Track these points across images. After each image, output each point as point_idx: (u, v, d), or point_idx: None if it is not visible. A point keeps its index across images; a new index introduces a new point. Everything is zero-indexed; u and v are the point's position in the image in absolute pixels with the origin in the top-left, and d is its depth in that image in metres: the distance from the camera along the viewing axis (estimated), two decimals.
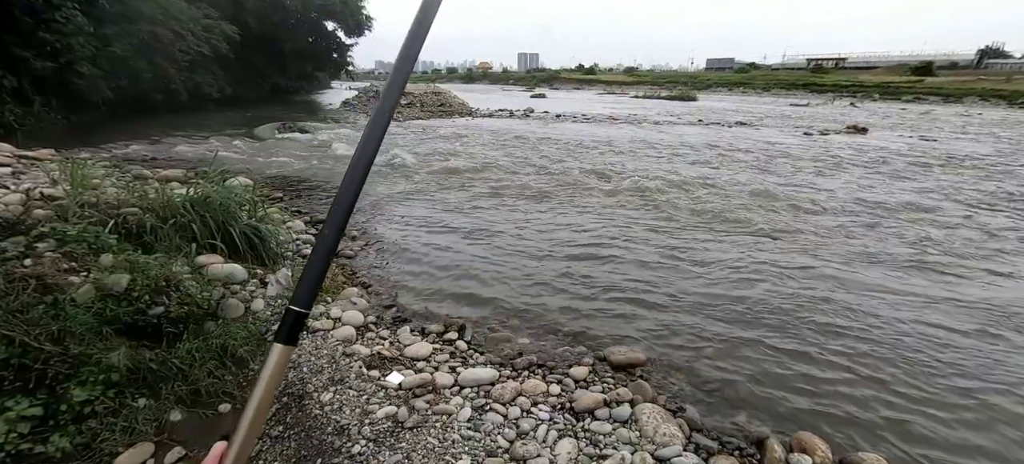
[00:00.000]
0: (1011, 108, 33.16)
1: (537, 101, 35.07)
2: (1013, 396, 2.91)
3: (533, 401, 2.65)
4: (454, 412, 2.48)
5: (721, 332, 3.58)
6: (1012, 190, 8.38)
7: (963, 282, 4.58)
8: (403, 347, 3.13)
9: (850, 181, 8.97)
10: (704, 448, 2.37)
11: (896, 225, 6.31)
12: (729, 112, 26.83)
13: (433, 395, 2.64)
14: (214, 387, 2.42)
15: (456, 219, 6.28)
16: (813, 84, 52.51)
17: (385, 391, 2.62)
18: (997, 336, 3.60)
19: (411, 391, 2.64)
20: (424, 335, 3.38)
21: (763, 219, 6.44)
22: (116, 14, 12.91)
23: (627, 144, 13.50)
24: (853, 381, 3.03)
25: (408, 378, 2.71)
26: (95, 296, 2.52)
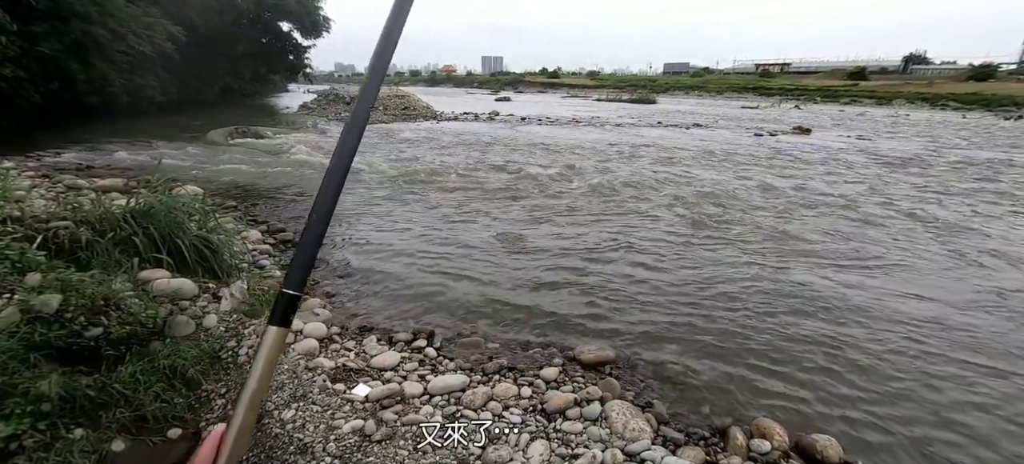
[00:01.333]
0: (933, 110, 36.46)
1: (502, 104, 35.18)
2: (944, 376, 3.18)
3: (504, 405, 2.64)
4: (424, 421, 2.42)
5: (685, 327, 3.71)
6: (936, 186, 9.20)
7: (899, 271, 4.96)
8: (370, 358, 3.03)
9: (798, 180, 9.55)
10: (671, 440, 2.44)
11: (840, 220, 6.77)
12: (686, 114, 27.96)
13: (402, 405, 2.57)
14: (162, 411, 2.26)
15: (422, 224, 6.18)
16: (762, 88, 55.71)
17: (351, 404, 2.53)
18: (928, 319, 3.93)
19: (379, 403, 2.56)
20: (392, 344, 3.29)
21: (722, 218, 6.74)
22: (45, 11, 11.85)
23: (592, 146, 13.78)
24: (805, 369, 3.21)
25: (375, 389, 2.63)
26: (21, 319, 2.29)
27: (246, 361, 2.80)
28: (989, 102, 38.04)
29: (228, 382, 2.62)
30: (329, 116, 20.51)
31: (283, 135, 13.78)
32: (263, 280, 3.85)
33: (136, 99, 15.28)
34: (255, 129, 13.67)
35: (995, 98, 38.87)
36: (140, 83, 15.36)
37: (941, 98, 41.34)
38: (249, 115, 18.58)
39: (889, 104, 41.21)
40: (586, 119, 23.58)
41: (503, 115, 24.48)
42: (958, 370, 3.23)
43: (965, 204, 7.77)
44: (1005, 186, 9.21)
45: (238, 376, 2.67)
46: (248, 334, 3.09)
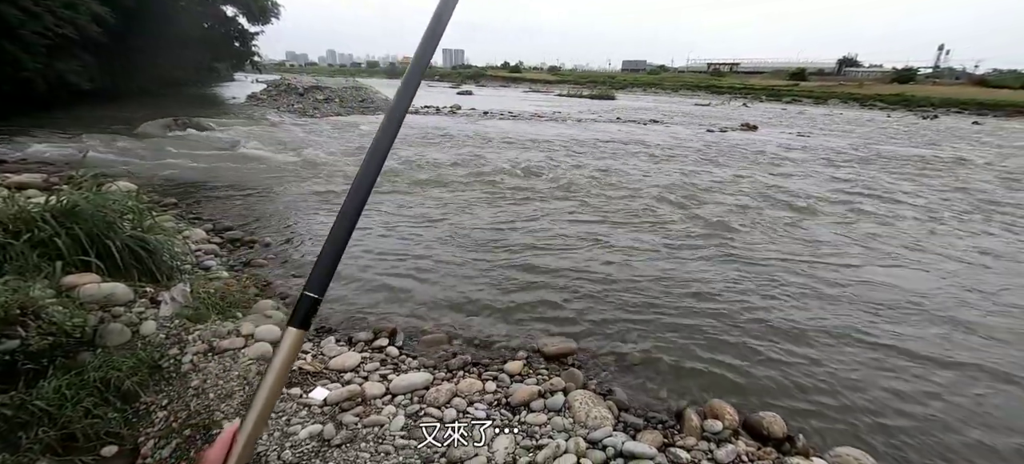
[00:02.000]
0: (863, 109, 39.68)
1: (464, 98, 34.81)
2: (871, 354, 3.48)
3: (469, 401, 2.63)
4: (386, 422, 2.37)
5: (644, 317, 3.84)
6: (867, 178, 10.03)
7: (836, 258, 5.37)
8: (328, 359, 2.92)
9: (746, 175, 10.11)
10: (632, 426, 2.53)
11: (785, 212, 7.23)
12: (644, 111, 28.85)
13: (363, 407, 2.50)
14: (94, 428, 2.07)
15: (382, 220, 6.02)
16: (713, 86, 58.41)
17: (308, 409, 2.43)
18: (862, 302, 4.29)
19: (338, 405, 2.48)
20: (351, 345, 3.19)
21: (676, 212, 7.02)
22: None
23: (554, 141, 13.93)
24: (753, 351, 3.41)
25: (334, 392, 2.54)
26: None
27: (190, 369, 2.62)
28: (910, 102, 41.90)
29: (170, 393, 2.44)
30: (281, 108, 19.46)
31: (230, 128, 12.96)
32: (209, 282, 3.62)
33: (56, 87, 13.83)
34: (198, 121, 12.75)
35: (915, 99, 42.87)
36: (61, 68, 13.91)
37: (870, 98, 45.06)
38: (191, 106, 17.33)
39: (825, 103, 44.44)
40: (548, 114, 23.79)
41: (465, 109, 24.23)
42: (883, 348, 3.54)
43: (892, 196, 8.52)
44: (926, 179, 10.20)
45: (182, 386, 2.49)
46: (193, 340, 2.89)
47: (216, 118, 14.48)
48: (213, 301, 3.31)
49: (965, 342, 3.68)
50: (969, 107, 39.08)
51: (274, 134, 12.78)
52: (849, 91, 49.81)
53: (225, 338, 2.94)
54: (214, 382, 2.56)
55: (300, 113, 18.41)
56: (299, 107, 19.52)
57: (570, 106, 31.09)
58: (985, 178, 10.63)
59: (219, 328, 3.02)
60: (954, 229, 6.66)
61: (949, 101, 41.41)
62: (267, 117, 16.85)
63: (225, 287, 3.57)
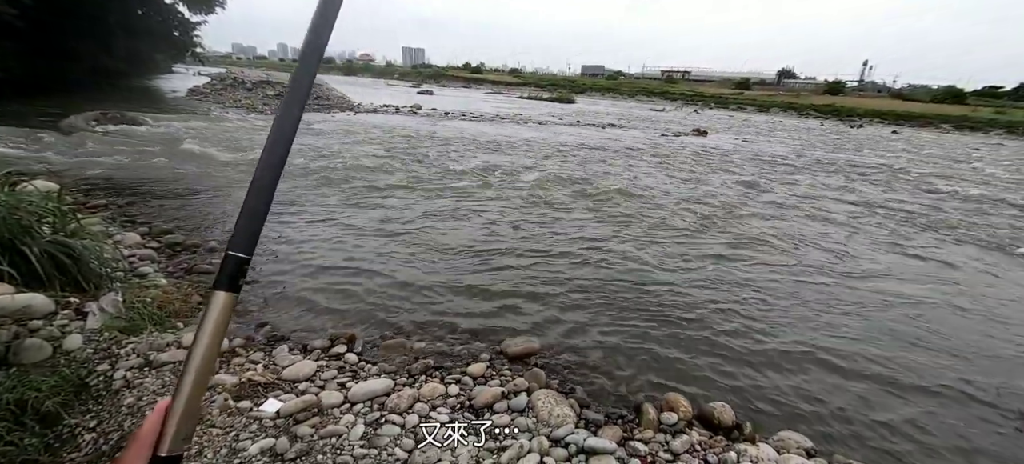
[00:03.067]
0: (800, 117, 42.84)
1: (424, 97, 34.29)
2: (806, 340, 3.77)
3: (432, 405, 2.59)
4: (345, 432, 2.29)
5: (604, 315, 3.94)
6: (807, 180, 10.84)
7: (778, 254, 5.76)
8: (281, 369, 2.78)
9: (700, 177, 10.64)
10: (593, 422, 2.59)
11: (733, 212, 7.67)
12: (603, 115, 29.66)
13: (319, 417, 2.40)
14: (7, 456, 1.85)
15: (339, 222, 5.81)
16: (667, 92, 61.02)
17: (259, 423, 2.30)
18: (792, 295, 4.62)
19: (292, 417, 2.36)
20: (306, 353, 3.05)
21: (635, 212, 7.27)
22: None
23: (516, 143, 14.01)
24: (706, 345, 3.60)
25: (288, 404, 2.42)
26: None
27: (124, 387, 2.41)
28: (840, 112, 45.73)
29: (100, 413, 2.23)
30: (226, 103, 18.32)
31: (168, 123, 12.04)
32: (144, 290, 3.34)
33: None
34: (131, 115, 11.74)
35: (844, 109, 46.85)
36: None
37: (805, 108, 48.77)
38: (124, 99, 15.91)
39: (767, 111, 47.60)
40: (510, 116, 23.90)
41: (426, 109, 23.87)
42: (816, 337, 3.84)
43: (826, 196, 9.26)
44: (855, 182, 11.17)
45: (113, 405, 2.29)
46: (125, 354, 2.66)
47: (153, 113, 13.40)
48: (149, 311, 3.06)
49: (886, 329, 4.06)
50: (888, 118, 43.21)
51: (220, 130, 12.00)
52: (788, 100, 53.68)
53: (164, 350, 2.73)
54: (151, 399, 2.37)
55: (248, 109, 17.42)
56: (247, 102, 18.47)
57: (531, 108, 31.40)
58: (903, 184, 11.79)
59: (157, 340, 2.80)
60: (879, 229, 7.33)
61: (872, 112, 45.61)
62: (211, 112, 15.81)
63: (163, 295, 3.31)
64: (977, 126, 39.19)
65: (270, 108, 17.94)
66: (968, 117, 42.34)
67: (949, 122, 40.60)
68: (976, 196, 10.68)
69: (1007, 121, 40.21)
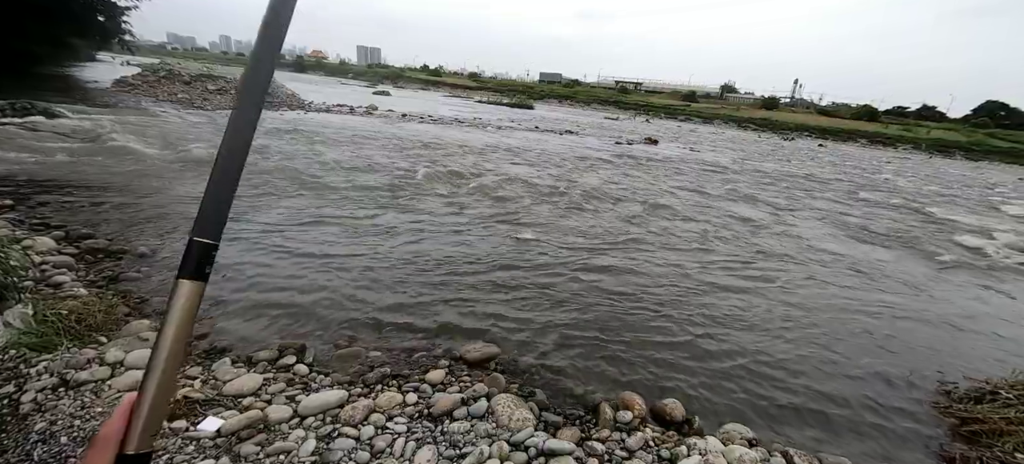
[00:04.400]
0: (740, 129, 45.94)
1: (381, 98, 33.41)
2: (756, 342, 4.04)
3: (388, 415, 2.52)
4: (294, 448, 2.17)
5: (562, 318, 4.01)
6: (745, 187, 11.64)
7: (724, 259, 6.13)
8: (222, 384, 2.60)
9: (651, 183, 11.12)
10: (552, 424, 2.62)
11: (681, 218, 8.08)
12: (560, 121, 30.27)
13: (266, 434, 2.26)
14: None
15: (287, 226, 5.52)
16: (620, 102, 63.36)
17: (197, 444, 2.13)
18: (746, 301, 4.94)
19: (235, 436, 2.21)
20: (251, 365, 2.87)
21: (592, 216, 7.47)
22: None
23: (476, 147, 13.98)
24: (658, 345, 3.75)
25: (230, 421, 2.26)
26: None
27: (33, 410, 2.15)
28: (774, 126, 49.53)
29: (4, 441, 1.97)
30: (160, 96, 16.89)
31: (91, 117, 10.91)
32: (60, 302, 3.00)
33: None
34: (45, 107, 10.53)
35: (778, 123, 50.80)
36: None
37: (745, 120, 52.41)
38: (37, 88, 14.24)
39: (711, 123, 50.66)
40: (469, 119, 23.83)
41: (382, 110, 23.27)
42: (755, 333, 4.13)
43: (763, 204, 9.99)
44: (789, 191, 12.13)
45: (20, 431, 2.03)
46: (36, 374, 2.37)
47: (73, 105, 12.10)
48: (66, 324, 2.75)
49: (817, 327, 4.43)
50: (815, 132, 47.35)
51: (152, 126, 11.03)
52: (729, 113, 57.45)
53: (83, 368, 2.47)
54: (67, 423, 2.13)
55: (186, 104, 16.17)
56: (185, 97, 17.14)
57: (491, 113, 31.49)
58: (829, 193, 12.96)
59: (75, 357, 2.52)
60: (808, 235, 8.00)
61: (802, 126, 49.79)
62: (142, 105, 14.51)
63: (83, 307, 2.99)
64: (888, 142, 43.87)
65: (210, 104, 16.76)
66: (880, 133, 47.30)
67: (865, 137, 45.16)
68: (889, 204, 11.94)
69: (912, 138, 45.37)
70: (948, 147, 41.91)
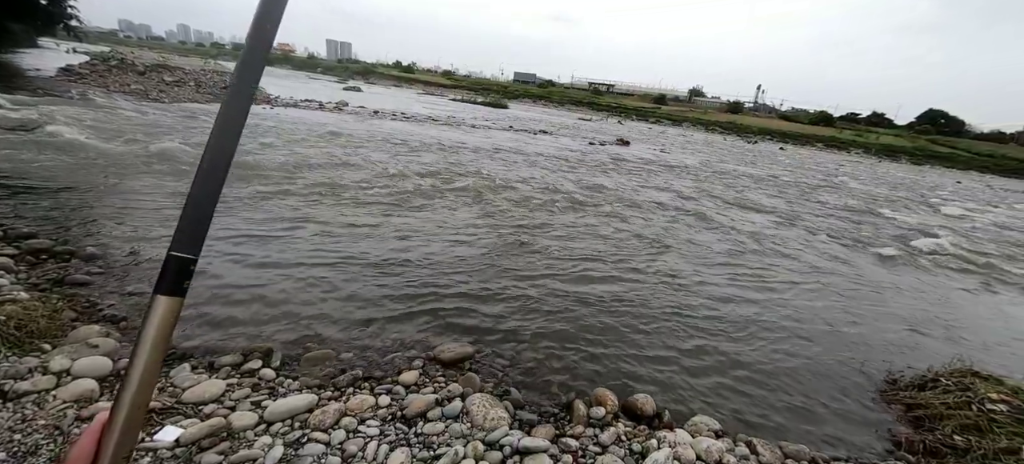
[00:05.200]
0: (707, 132, 47.53)
1: (351, 94, 32.63)
2: (723, 336, 4.18)
3: (360, 418, 2.46)
4: (260, 456, 2.09)
5: (536, 318, 4.03)
6: (712, 188, 12.05)
7: (690, 257, 6.33)
8: (181, 391, 2.47)
9: (624, 183, 11.34)
10: (527, 422, 2.63)
11: (652, 216, 8.28)
12: (534, 121, 30.44)
13: (230, 442, 2.17)
14: None
15: (251, 224, 5.30)
16: (594, 103, 64.33)
17: (154, 454, 2.02)
18: (716, 296, 5.12)
19: (196, 445, 2.11)
20: (213, 371, 2.74)
21: (566, 215, 7.55)
22: None
23: (451, 145, 13.86)
24: (629, 342, 3.83)
25: (191, 429, 2.16)
26: None
27: None
28: (739, 129, 51.55)
29: None
30: (111, 87, 15.87)
31: (34, 107, 10.13)
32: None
33: None
34: None
35: (742, 126, 52.91)
36: None
37: (712, 124, 54.29)
38: None
39: (680, 125, 52.20)
40: (443, 118, 23.60)
41: (353, 106, 22.72)
42: (720, 327, 4.29)
43: (728, 203, 10.37)
44: (746, 189, 12.65)
45: None
46: None
47: (9, 94, 11.20)
48: (4, 331, 2.55)
49: (777, 322, 4.64)
50: (777, 136, 49.59)
51: (104, 119, 10.35)
52: (697, 116, 59.37)
53: (24, 378, 2.29)
54: (6, 438, 1.98)
55: (140, 96, 15.26)
56: (139, 88, 16.17)
57: (464, 112, 31.29)
58: (790, 193, 13.60)
59: (15, 366, 2.34)
60: (772, 234, 8.37)
61: (764, 130, 52.06)
62: (89, 96, 13.58)
63: (23, 312, 2.77)
64: (842, 146, 46.45)
65: (168, 96, 15.89)
66: (835, 138, 50.03)
67: (821, 141, 47.66)
68: (843, 205, 12.65)
69: (863, 142, 48.23)
70: (895, 152, 44.80)
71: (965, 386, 3.38)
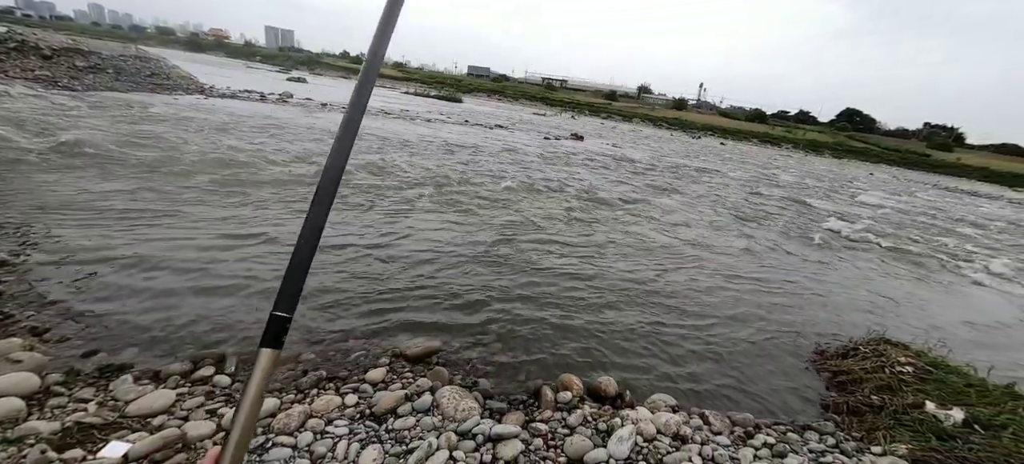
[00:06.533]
0: (656, 128, 49.69)
1: (296, 85, 30.95)
2: (674, 319, 4.45)
3: (327, 419, 2.40)
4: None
5: (501, 308, 4.09)
6: (660, 182, 12.66)
7: (644, 247, 6.64)
8: (125, 405, 2.29)
9: (581, 176, 11.64)
10: (497, 411, 2.69)
11: (608, 208, 8.58)
12: (490, 115, 30.40)
13: (185, 454, 2.05)
14: None
15: (195, 222, 4.94)
16: (548, 98, 65.12)
17: None
18: (668, 282, 5.41)
19: (146, 459, 1.97)
20: (160, 381, 2.56)
21: (523, 208, 7.64)
22: None
23: (405, 139, 13.53)
24: (590, 328, 3.99)
25: (140, 443, 2.01)
26: None
27: None
28: (684, 125, 54.36)
29: None
30: (10, 72, 13.98)
31: None
32: None
33: None
34: None
35: (687, 122, 55.84)
36: None
37: (659, 119, 56.85)
38: None
39: (630, 121, 54.20)
40: (397, 111, 22.97)
41: (299, 98, 21.56)
42: (672, 316, 4.57)
43: (677, 194, 10.96)
44: (691, 181, 13.43)
45: None
46: None
47: None
48: None
49: (725, 303, 5.01)
50: (718, 132, 52.83)
51: (5, 108, 9.13)
52: (646, 112, 61.92)
53: None
54: None
55: (48, 83, 13.60)
56: (45, 75, 14.39)
57: (418, 105, 30.62)
58: (730, 182, 14.58)
59: None
60: (716, 222, 8.96)
61: (707, 126, 55.25)
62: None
63: None
64: (774, 141, 50.34)
65: (81, 84, 14.28)
66: (769, 134, 54.11)
67: (757, 137, 51.38)
68: (777, 196, 13.76)
69: (793, 138, 52.54)
70: (819, 147, 49.21)
71: (879, 353, 3.85)
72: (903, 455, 2.68)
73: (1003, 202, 24.79)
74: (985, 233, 12.90)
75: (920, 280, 7.27)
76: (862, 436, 2.95)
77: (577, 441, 2.44)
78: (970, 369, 3.68)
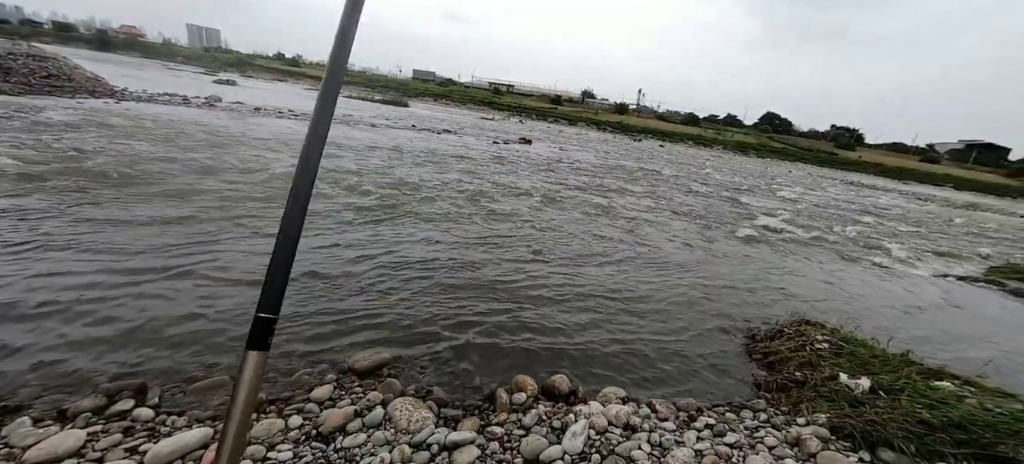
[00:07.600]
0: (599, 131, 51.62)
1: (225, 88, 28.76)
2: (620, 314, 4.63)
3: (269, 445, 2.25)
4: None
5: (450, 312, 4.04)
6: (610, 184, 13.15)
7: (589, 245, 6.86)
8: (22, 451, 2.00)
9: (530, 179, 11.80)
10: (452, 419, 2.65)
11: (555, 208, 8.77)
12: (437, 121, 30.02)
13: None
14: None
15: (101, 236, 4.43)
16: (495, 103, 65.57)
17: None
18: (612, 277, 5.62)
19: None
20: (67, 420, 2.26)
21: (472, 212, 7.62)
22: None
23: (348, 146, 13.01)
24: (542, 328, 4.05)
25: None
26: None
27: None
28: (627, 129, 56.98)
29: None
30: None
31: None
32: None
33: None
34: None
35: (629, 126, 58.60)
36: None
37: (602, 123, 59.16)
38: None
39: (575, 125, 55.92)
40: (339, 116, 22.02)
41: (228, 102, 20.05)
42: (620, 309, 4.77)
43: (620, 192, 11.45)
44: (634, 180, 14.10)
45: None
46: None
47: None
48: None
49: (666, 296, 5.30)
50: (657, 134, 55.93)
51: None
52: (590, 117, 64.19)
53: None
54: None
55: None
56: None
57: (361, 110, 29.57)
58: (668, 182, 15.45)
59: None
60: (658, 216, 9.45)
61: (647, 129, 58.31)
62: None
63: None
64: (706, 143, 54.16)
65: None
66: (701, 136, 58.15)
67: (691, 139, 55.01)
68: (710, 193, 14.78)
69: (722, 140, 56.84)
70: (745, 148, 53.58)
71: (801, 333, 4.25)
72: (823, 423, 2.98)
73: (895, 194, 28.41)
74: (883, 222, 14.69)
75: (835, 265, 8.12)
76: (789, 409, 3.23)
77: (533, 440, 2.47)
78: (875, 342, 4.16)
